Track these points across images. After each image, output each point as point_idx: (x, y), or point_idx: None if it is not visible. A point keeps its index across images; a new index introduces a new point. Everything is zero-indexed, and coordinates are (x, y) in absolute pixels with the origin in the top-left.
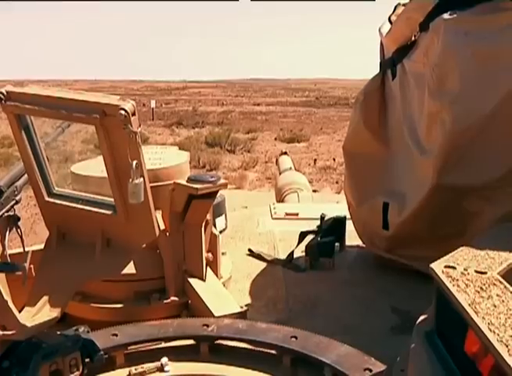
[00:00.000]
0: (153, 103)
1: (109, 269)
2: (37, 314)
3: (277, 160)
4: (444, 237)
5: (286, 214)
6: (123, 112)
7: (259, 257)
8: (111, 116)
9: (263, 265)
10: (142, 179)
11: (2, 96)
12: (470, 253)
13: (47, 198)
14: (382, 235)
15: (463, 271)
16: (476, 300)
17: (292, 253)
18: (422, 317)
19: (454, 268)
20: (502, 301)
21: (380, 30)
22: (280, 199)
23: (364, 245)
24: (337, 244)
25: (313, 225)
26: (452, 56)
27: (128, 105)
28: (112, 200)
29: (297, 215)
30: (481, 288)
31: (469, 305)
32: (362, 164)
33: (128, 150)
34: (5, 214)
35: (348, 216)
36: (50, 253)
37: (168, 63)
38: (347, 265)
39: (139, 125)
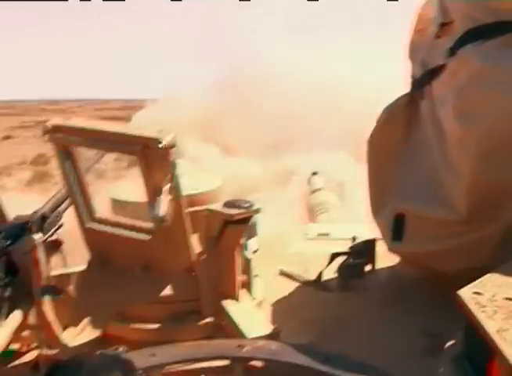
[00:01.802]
0: None
1: (148, 293)
2: (79, 335)
3: (308, 181)
4: None
5: (318, 234)
6: (161, 145)
7: (291, 277)
8: (152, 148)
9: (295, 286)
10: (168, 197)
11: (49, 129)
12: (499, 279)
13: (88, 224)
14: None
15: (491, 297)
16: (503, 327)
17: (321, 273)
18: (451, 341)
19: (482, 294)
20: None
21: (408, 52)
22: (312, 219)
23: (394, 264)
24: (367, 266)
25: (344, 247)
26: (480, 81)
27: (168, 138)
28: (150, 225)
29: (328, 235)
30: (510, 315)
31: (496, 331)
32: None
33: (165, 178)
34: (49, 238)
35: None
36: (91, 276)
37: None
38: (379, 286)
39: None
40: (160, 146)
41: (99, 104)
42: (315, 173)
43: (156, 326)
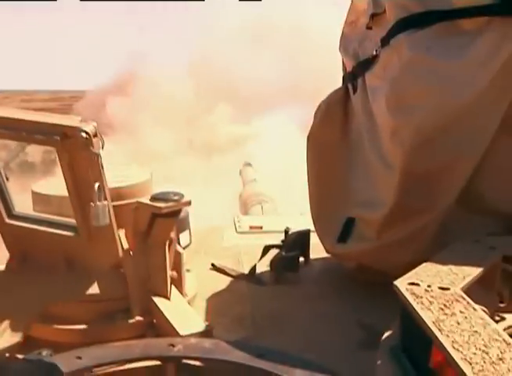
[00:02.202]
0: None
1: (73, 291)
2: None
3: (241, 172)
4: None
5: (251, 227)
6: (84, 134)
7: (223, 272)
8: (72, 138)
9: (228, 280)
10: (105, 202)
11: None
12: (434, 269)
13: (7, 220)
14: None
15: (426, 288)
16: (440, 317)
17: (255, 267)
18: (387, 333)
19: (418, 285)
20: (465, 317)
21: (340, 44)
22: (245, 211)
23: (328, 256)
24: (301, 258)
25: (278, 239)
26: (412, 71)
27: (90, 127)
28: (74, 221)
29: (261, 228)
30: (445, 305)
31: (433, 322)
32: (323, 174)
33: (89, 171)
34: None
35: (312, 228)
36: (11, 275)
37: None
38: (313, 279)
39: (102, 147)
40: (82, 134)
41: (26, 95)
42: (247, 164)
43: (82, 326)
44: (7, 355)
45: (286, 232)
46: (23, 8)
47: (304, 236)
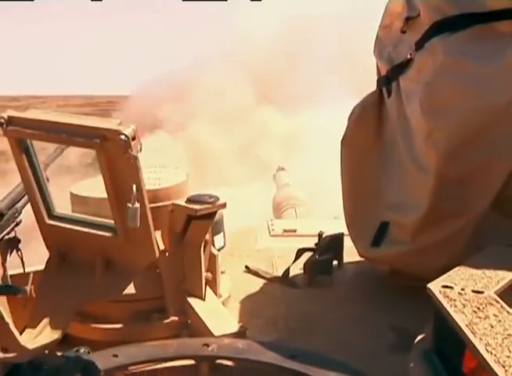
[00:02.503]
0: None
1: (110, 291)
2: (39, 336)
3: (274, 176)
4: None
5: (284, 231)
6: (123, 137)
7: (257, 274)
8: (111, 140)
9: (261, 282)
10: (138, 204)
11: (4, 121)
12: (467, 272)
13: (47, 220)
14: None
15: (460, 291)
16: (473, 320)
17: (288, 270)
18: (420, 336)
19: (451, 288)
20: (499, 321)
21: (374, 48)
22: (278, 215)
23: (362, 260)
24: (335, 261)
25: (311, 242)
26: (447, 74)
27: (129, 130)
28: (112, 221)
29: (295, 231)
30: (478, 308)
31: (466, 325)
32: (358, 178)
33: (127, 173)
34: (6, 236)
35: (346, 232)
36: (50, 274)
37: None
38: (346, 282)
39: (140, 150)
40: (121, 137)
41: (61, 100)
42: (281, 168)
43: (119, 325)
44: (46, 351)
45: (319, 235)
46: (58, 10)
47: (337, 239)
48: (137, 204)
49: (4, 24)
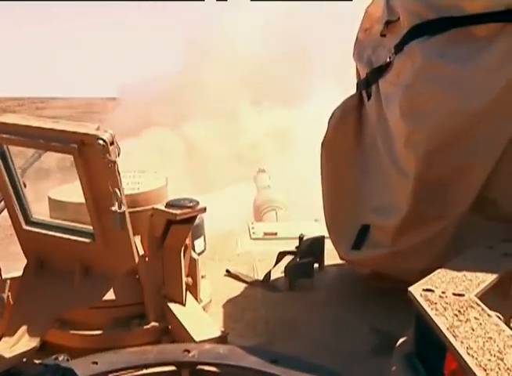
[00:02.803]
0: None
1: (89, 297)
2: (16, 344)
3: (255, 178)
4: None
5: (265, 233)
6: (101, 142)
7: (238, 278)
8: (89, 145)
9: (242, 286)
10: (124, 208)
11: None
12: (448, 275)
13: (24, 226)
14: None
15: (441, 294)
16: (454, 323)
17: (269, 273)
18: (402, 339)
19: (432, 291)
20: (480, 324)
21: (353, 51)
22: (259, 218)
23: (343, 262)
24: (316, 264)
25: (292, 245)
26: (425, 77)
27: (107, 134)
28: (90, 227)
29: (275, 234)
30: (459, 311)
31: (447, 328)
32: (338, 181)
33: (106, 178)
34: None
35: (327, 235)
36: (28, 281)
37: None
38: (327, 285)
39: (118, 154)
40: (99, 142)
41: (40, 102)
42: (261, 170)
43: (98, 332)
44: (24, 360)
45: (300, 238)
46: (39, 13)
47: (318, 242)
48: (124, 208)
49: None
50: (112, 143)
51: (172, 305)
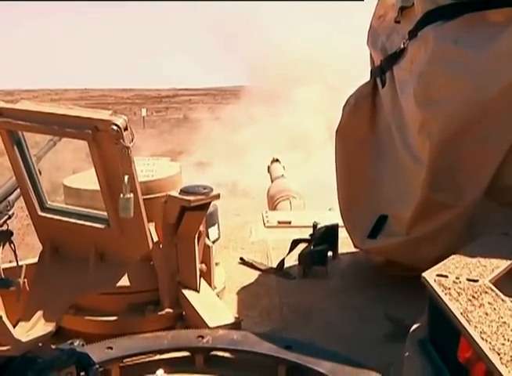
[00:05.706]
0: (143, 112)
1: (103, 283)
2: (32, 329)
3: (269, 168)
4: None
5: (279, 222)
6: (115, 127)
7: (252, 266)
8: (103, 131)
9: (256, 274)
10: (131, 195)
11: None
12: (462, 261)
13: (40, 213)
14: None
15: (454, 279)
16: (468, 308)
17: (283, 261)
18: (415, 325)
19: (446, 276)
20: (494, 309)
21: (367, 38)
22: (273, 207)
23: (356, 250)
24: (329, 252)
25: (306, 233)
26: (439, 63)
27: (120, 120)
28: (105, 213)
29: (289, 223)
30: (473, 296)
31: (461, 313)
32: (352, 168)
33: (120, 164)
34: None
35: (341, 223)
36: (44, 267)
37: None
38: (341, 273)
39: (132, 140)
40: (113, 127)
41: (55, 94)
42: (276, 160)
43: (113, 318)
44: (40, 344)
45: (314, 226)
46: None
47: (332, 230)
48: (129, 195)
49: None
50: (126, 129)
51: (186, 292)
